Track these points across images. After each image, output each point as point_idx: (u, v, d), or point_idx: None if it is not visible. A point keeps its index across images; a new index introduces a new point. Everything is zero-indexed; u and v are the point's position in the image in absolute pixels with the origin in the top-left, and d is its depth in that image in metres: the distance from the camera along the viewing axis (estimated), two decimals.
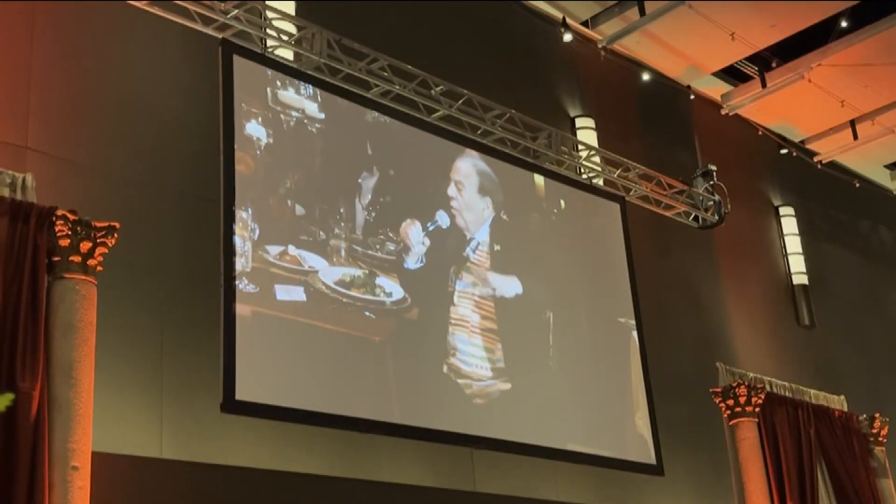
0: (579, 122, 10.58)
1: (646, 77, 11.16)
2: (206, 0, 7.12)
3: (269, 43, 7.49)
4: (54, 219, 5.54)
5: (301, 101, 7.53)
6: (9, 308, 5.30)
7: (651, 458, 8.97)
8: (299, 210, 7.23)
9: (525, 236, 8.87)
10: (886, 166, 14.40)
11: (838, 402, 10.02)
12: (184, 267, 7.08)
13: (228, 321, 6.51)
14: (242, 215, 6.83)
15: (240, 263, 6.68)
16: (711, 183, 10.48)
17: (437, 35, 9.59)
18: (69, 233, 5.54)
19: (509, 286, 8.50)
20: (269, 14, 7.45)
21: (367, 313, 7.39)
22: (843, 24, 10.90)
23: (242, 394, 6.45)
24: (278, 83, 7.41)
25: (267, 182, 7.12)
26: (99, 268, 5.63)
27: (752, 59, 11.69)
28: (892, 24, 10.79)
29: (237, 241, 6.72)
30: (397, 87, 8.08)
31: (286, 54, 7.66)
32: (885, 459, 9.95)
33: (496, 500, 8.30)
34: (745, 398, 8.83)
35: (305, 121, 7.53)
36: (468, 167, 8.56)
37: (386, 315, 7.51)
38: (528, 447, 8.11)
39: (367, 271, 7.47)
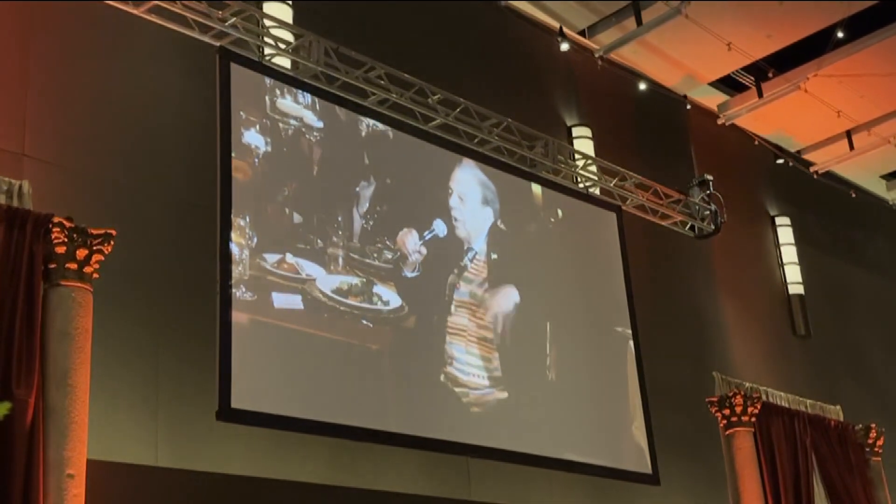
0: (576, 131, 10.58)
1: (642, 86, 11.18)
2: (201, 4, 7.11)
3: (267, 51, 7.49)
4: (51, 226, 5.53)
5: (299, 109, 7.53)
6: (4, 315, 5.29)
7: (647, 468, 8.96)
8: (297, 218, 7.22)
9: (522, 245, 8.87)
10: (882, 176, 14.42)
11: (834, 412, 10.01)
12: (181, 275, 7.07)
13: (224, 329, 6.50)
14: (240, 223, 6.82)
15: (237, 271, 6.68)
16: (708, 192, 10.49)
17: (434, 44, 9.60)
18: (65, 240, 5.53)
19: (507, 295, 8.49)
20: (267, 22, 7.45)
21: (364, 322, 7.38)
22: (840, 34, 10.92)
23: (238, 402, 6.43)
24: (276, 91, 7.41)
25: (265, 190, 7.12)
26: (95, 275, 5.62)
27: (748, 69, 11.72)
28: (888, 34, 10.83)
29: (235, 248, 6.72)
30: (394, 95, 8.09)
31: (283, 62, 7.66)
32: (882, 470, 9.94)
33: None
34: (741, 408, 8.82)
35: (303, 129, 7.53)
36: (469, 178, 8.56)
37: (383, 323, 7.51)
38: (524, 456, 8.10)
39: (364, 280, 7.46)
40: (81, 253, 5.56)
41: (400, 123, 8.19)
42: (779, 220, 12.92)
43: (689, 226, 10.52)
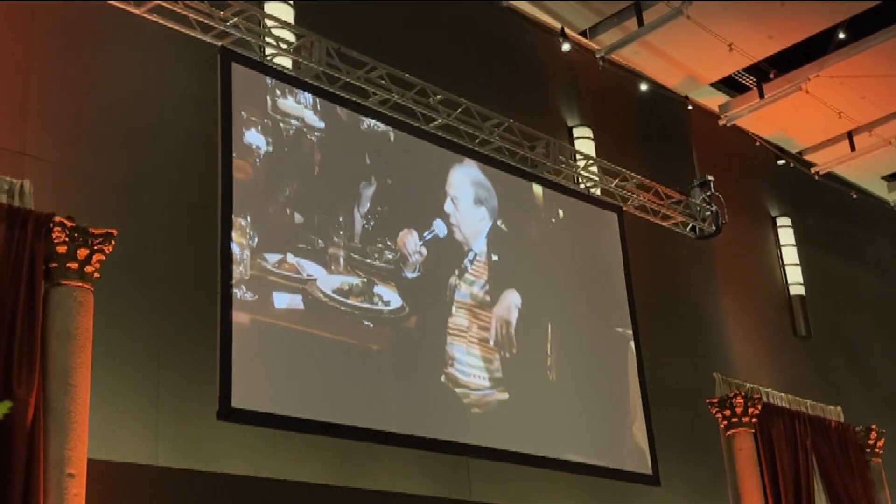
0: (577, 131, 10.58)
1: (644, 87, 11.18)
2: (203, 4, 7.11)
3: (268, 51, 7.49)
4: (52, 225, 5.53)
5: (300, 109, 7.53)
6: (5, 315, 5.29)
7: (648, 469, 8.96)
8: (298, 218, 7.23)
9: (523, 246, 8.87)
10: (884, 178, 14.43)
11: (835, 413, 10.01)
12: (182, 274, 7.07)
13: (225, 329, 6.51)
14: (241, 223, 6.82)
15: (238, 271, 6.68)
16: (709, 193, 10.49)
17: (435, 44, 9.60)
18: (66, 239, 5.53)
19: (507, 296, 8.49)
20: (268, 22, 7.45)
21: (364, 322, 7.38)
22: (841, 35, 10.93)
23: (239, 402, 6.44)
24: (278, 91, 7.41)
25: (266, 190, 7.12)
26: (96, 275, 5.62)
27: (749, 70, 11.72)
28: (890, 36, 10.83)
29: (236, 248, 6.72)
30: (396, 95, 8.09)
31: (285, 62, 7.66)
32: (882, 471, 9.94)
33: None
34: (741, 408, 8.82)
35: (304, 129, 7.53)
36: (462, 179, 8.55)
37: (384, 324, 7.51)
38: (524, 457, 8.10)
39: (365, 280, 7.46)
40: (82, 252, 5.56)
41: (401, 124, 8.20)
42: (780, 221, 12.93)
43: (690, 226, 10.51)
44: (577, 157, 9.81)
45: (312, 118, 7.60)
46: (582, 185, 9.72)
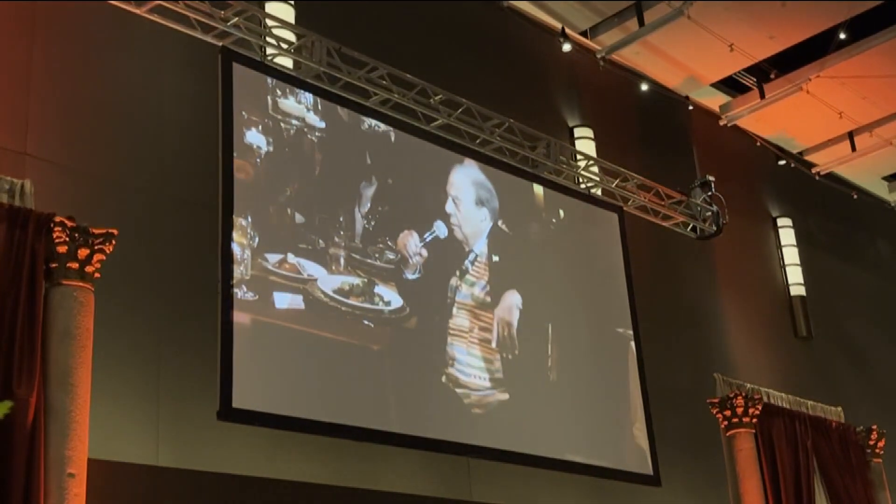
0: (578, 131, 10.58)
1: (644, 87, 11.18)
2: (203, 4, 7.11)
3: (269, 51, 7.49)
4: (52, 225, 5.53)
5: (301, 109, 7.53)
6: (6, 314, 5.29)
7: (648, 469, 8.96)
8: (299, 218, 7.23)
9: (524, 246, 8.86)
10: (884, 178, 14.43)
11: (836, 414, 10.01)
12: (182, 274, 7.07)
13: (226, 328, 6.51)
14: (242, 223, 6.82)
15: (239, 271, 6.68)
16: (710, 194, 10.49)
17: (436, 44, 9.60)
18: (67, 239, 5.53)
19: (508, 297, 8.49)
20: (269, 22, 7.45)
21: (365, 322, 7.38)
22: (842, 35, 10.93)
23: (239, 402, 6.44)
24: (278, 91, 7.41)
25: (267, 190, 7.12)
26: (97, 274, 5.62)
27: (750, 70, 11.73)
28: (890, 36, 10.83)
29: (236, 248, 6.72)
30: (396, 95, 8.08)
31: (286, 62, 7.66)
32: (883, 471, 9.94)
33: None
34: (742, 409, 8.82)
35: (305, 129, 7.53)
36: (463, 179, 8.55)
37: (384, 324, 7.51)
38: (525, 457, 8.10)
39: (365, 280, 7.46)
40: (83, 252, 5.56)
41: (402, 124, 8.19)
42: (780, 222, 12.93)
43: (690, 227, 10.51)
44: (578, 157, 9.80)
45: (313, 118, 7.60)
46: (582, 186, 9.72)
